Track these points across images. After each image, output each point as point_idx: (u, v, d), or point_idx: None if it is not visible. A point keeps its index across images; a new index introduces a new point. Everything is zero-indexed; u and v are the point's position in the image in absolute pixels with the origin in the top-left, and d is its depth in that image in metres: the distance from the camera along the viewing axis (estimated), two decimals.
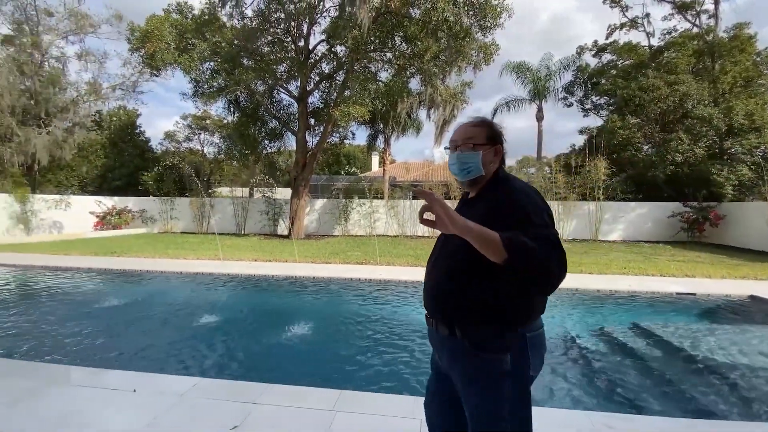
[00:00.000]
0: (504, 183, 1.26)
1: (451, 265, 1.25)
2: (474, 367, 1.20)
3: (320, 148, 14.76)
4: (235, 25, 13.52)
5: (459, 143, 1.29)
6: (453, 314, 1.23)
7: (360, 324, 4.70)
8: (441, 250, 1.33)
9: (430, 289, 1.32)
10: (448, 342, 1.26)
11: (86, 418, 2.30)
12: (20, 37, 17.35)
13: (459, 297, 1.21)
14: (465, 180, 1.31)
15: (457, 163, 1.28)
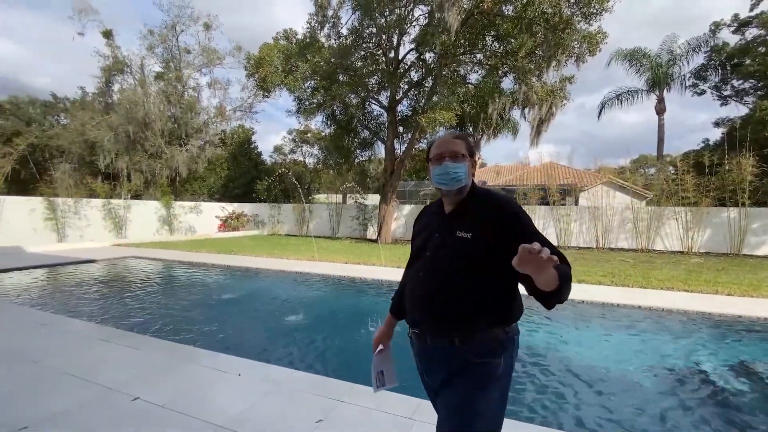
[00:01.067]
0: (490, 195, 1.30)
1: (445, 275, 1.24)
2: (471, 374, 1.20)
3: (408, 154, 14.99)
4: (332, 45, 14.61)
5: (446, 155, 1.30)
6: (453, 324, 1.22)
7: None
8: (432, 259, 1.30)
9: (423, 302, 1.29)
10: (446, 353, 1.24)
11: (203, 394, 2.68)
12: (167, 73, 21.35)
13: (459, 309, 1.21)
14: (454, 188, 1.29)
15: (449, 173, 1.28)
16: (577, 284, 6.57)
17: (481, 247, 1.19)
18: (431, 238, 1.33)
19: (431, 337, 1.28)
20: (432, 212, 1.44)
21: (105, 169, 19.88)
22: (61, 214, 12.91)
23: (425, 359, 1.33)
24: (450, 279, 1.23)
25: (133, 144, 20.27)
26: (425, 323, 1.29)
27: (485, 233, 1.19)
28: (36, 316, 4.63)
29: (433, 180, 1.32)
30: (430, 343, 1.28)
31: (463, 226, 1.23)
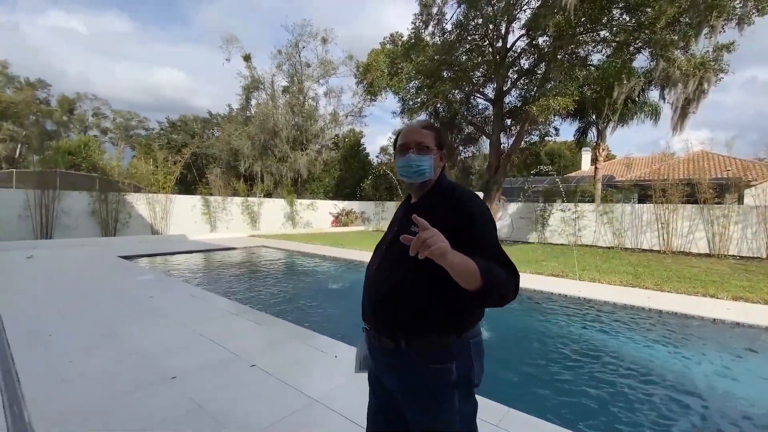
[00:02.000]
0: (452, 191, 1.22)
1: (396, 274, 1.16)
2: (422, 380, 1.13)
3: (515, 148, 14.04)
4: (436, 42, 14.58)
5: (411, 146, 1.22)
6: (397, 325, 1.15)
7: (541, 342, 4.22)
8: (384, 257, 1.23)
9: (371, 298, 1.23)
10: (392, 355, 1.17)
11: (303, 369, 3.00)
12: (291, 87, 24.16)
13: (403, 306, 1.14)
14: (417, 182, 1.23)
15: (411, 165, 1.21)
16: (736, 302, 5.30)
17: None
18: (390, 230, 1.30)
19: (378, 336, 1.20)
20: (402, 204, 1.38)
21: (245, 172, 23.64)
22: (213, 210, 15.82)
23: (377, 358, 1.24)
24: (399, 276, 1.15)
25: (265, 150, 23.64)
26: (373, 321, 1.22)
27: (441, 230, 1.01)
28: (190, 289, 5.79)
29: (398, 172, 1.26)
30: (377, 344, 1.21)
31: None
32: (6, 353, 3.12)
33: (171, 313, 4.43)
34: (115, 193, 13.07)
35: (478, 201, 1.18)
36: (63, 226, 11.86)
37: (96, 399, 2.47)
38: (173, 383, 2.70)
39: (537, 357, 3.86)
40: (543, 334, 4.46)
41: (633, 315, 5.01)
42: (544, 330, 4.62)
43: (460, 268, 0.95)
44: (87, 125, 39.35)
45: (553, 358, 3.79)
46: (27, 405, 2.36)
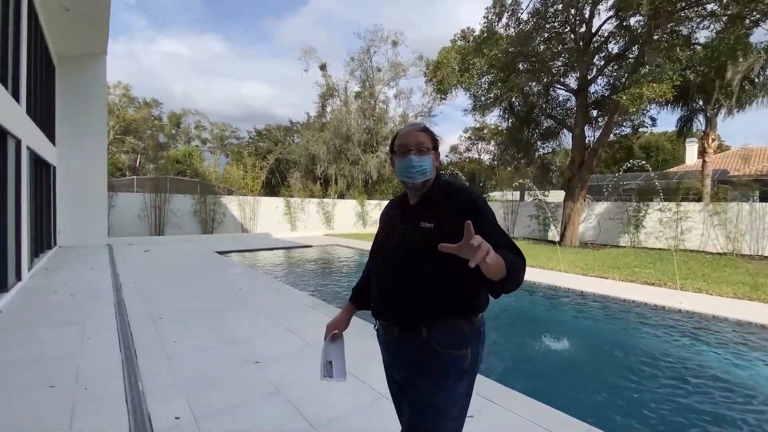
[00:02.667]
0: (449, 186, 1.30)
1: (413, 265, 1.21)
2: (438, 366, 1.19)
3: (603, 142, 12.72)
4: (511, 34, 13.87)
5: (411, 147, 1.26)
6: (418, 314, 1.21)
7: (634, 357, 3.75)
8: (396, 250, 1.28)
9: (391, 293, 1.27)
10: (411, 345, 1.23)
11: (373, 364, 3.06)
12: (363, 91, 24.90)
13: (423, 296, 1.20)
14: (418, 182, 1.26)
15: (414, 166, 1.25)
16: None
17: (444, 237, 1.08)
18: (395, 229, 1.32)
19: (398, 328, 1.26)
20: (396, 205, 1.42)
21: (320, 175, 25.01)
22: (293, 210, 17.01)
23: (392, 352, 1.32)
24: (413, 269, 1.21)
25: (339, 154, 24.74)
26: (391, 314, 1.28)
27: (447, 223, 1.17)
28: (273, 283, 6.29)
29: (398, 173, 1.30)
30: (398, 335, 1.27)
31: (426, 216, 1.23)
32: (128, 332, 3.71)
33: (256, 304, 4.86)
34: (212, 195, 14.78)
35: (474, 190, 1.31)
36: (172, 224, 13.74)
37: (192, 376, 2.82)
38: (257, 368, 2.96)
39: (625, 374, 3.45)
40: (633, 348, 3.97)
41: (752, 333, 4.22)
42: (635, 344, 4.11)
43: (495, 266, 0.98)
44: (190, 137, 45.08)
45: (644, 375, 3.35)
46: (141, 377, 2.78)
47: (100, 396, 2.52)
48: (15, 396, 2.51)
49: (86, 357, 3.15)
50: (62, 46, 9.69)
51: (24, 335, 3.65)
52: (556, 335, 4.28)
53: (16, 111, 5.54)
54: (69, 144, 10.21)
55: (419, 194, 1.30)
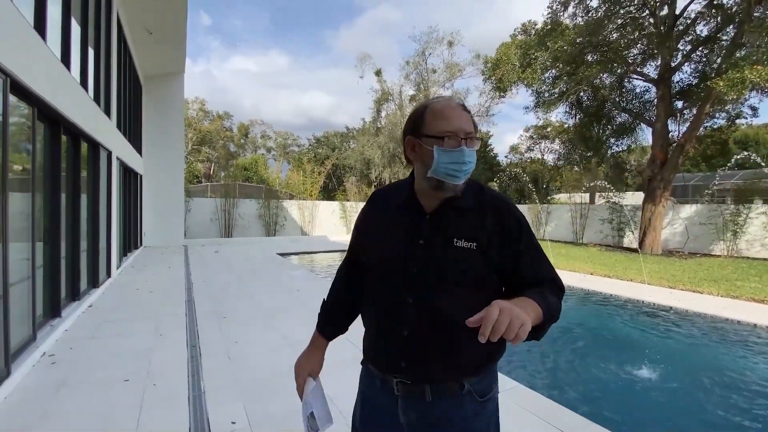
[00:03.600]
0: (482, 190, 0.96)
1: (450, 301, 0.88)
2: (478, 417, 0.93)
3: (690, 136, 11.21)
4: (578, 23, 12.84)
5: (461, 135, 0.86)
6: (461, 367, 0.91)
7: (742, 389, 3.12)
8: (424, 275, 0.90)
9: (417, 337, 0.90)
10: (446, 405, 0.91)
11: None
12: (418, 94, 24.73)
13: (467, 342, 0.83)
14: (462, 183, 0.90)
15: (465, 162, 0.86)
16: None
17: (487, 261, 0.88)
18: (411, 245, 0.92)
19: (432, 387, 0.91)
20: (397, 206, 0.99)
21: (375, 179, 25.27)
22: (348, 213, 17.32)
23: (413, 418, 0.93)
24: (453, 308, 0.87)
25: (393, 158, 24.82)
26: (421, 370, 0.91)
27: (488, 243, 0.88)
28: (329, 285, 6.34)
29: (439, 168, 0.86)
30: (431, 397, 0.91)
31: (461, 232, 0.89)
32: (195, 330, 3.90)
33: (313, 307, 4.90)
34: (275, 200, 15.56)
35: (510, 199, 0.99)
36: (239, 227, 14.68)
37: (251, 379, 2.84)
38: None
39: (727, 405, 2.87)
40: (738, 380, 3.31)
41: None
42: (740, 373, 3.43)
43: (530, 319, 0.71)
44: (257, 145, 48.36)
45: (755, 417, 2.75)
46: (203, 376, 2.86)
47: (167, 393, 2.63)
48: (95, 388, 2.71)
49: (158, 352, 3.35)
50: (147, 67, 10.82)
51: (109, 328, 4.00)
52: (641, 360, 3.73)
53: (108, 126, 6.22)
54: (152, 154, 11.35)
55: (441, 197, 0.92)
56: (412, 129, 0.93)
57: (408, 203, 0.97)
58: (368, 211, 1.08)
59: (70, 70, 4.38)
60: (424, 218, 0.94)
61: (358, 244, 1.09)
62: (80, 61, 5.01)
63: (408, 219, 0.96)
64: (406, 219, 0.96)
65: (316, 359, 1.18)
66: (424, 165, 0.90)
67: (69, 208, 4.59)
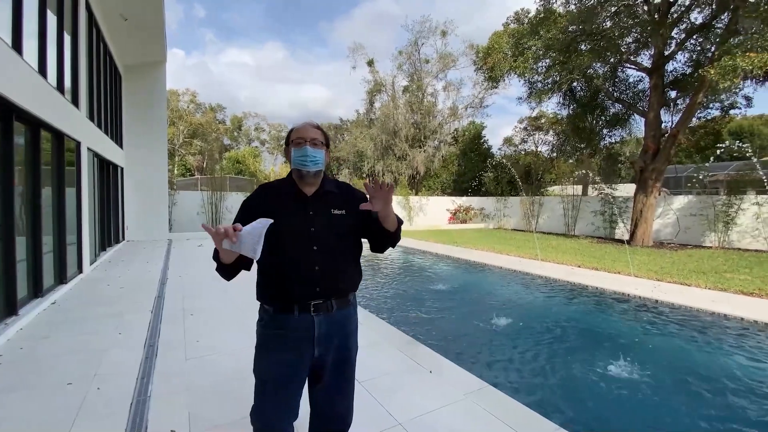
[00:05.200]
0: (338, 182, 1.55)
1: (343, 245, 1.44)
2: (355, 324, 1.53)
3: (683, 126, 11.05)
4: (571, 11, 12.56)
5: (306, 140, 1.40)
6: (348, 286, 1.47)
7: (730, 391, 2.98)
8: (323, 232, 1.39)
9: (323, 269, 1.37)
10: (343, 314, 1.44)
11: (396, 383, 2.71)
12: (411, 85, 24.38)
13: (349, 270, 1.47)
14: (312, 170, 1.40)
15: (309, 155, 1.38)
16: None
17: (352, 221, 1.44)
18: (305, 217, 1.40)
19: (336, 301, 1.41)
20: (285, 193, 1.44)
21: (368, 171, 24.99)
22: None
23: (323, 328, 1.38)
24: (343, 248, 1.44)
25: (386, 150, 24.52)
26: (329, 290, 1.39)
27: (351, 210, 1.43)
28: None
29: (293, 162, 1.40)
30: (335, 308, 1.41)
31: (334, 205, 1.43)
32: (157, 328, 3.72)
33: None
34: None
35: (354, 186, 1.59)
36: (226, 220, 14.41)
37: (201, 382, 2.66)
38: None
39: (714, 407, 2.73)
40: (719, 377, 3.18)
41: None
42: (721, 368, 3.30)
43: (392, 213, 1.36)
44: (250, 138, 47.83)
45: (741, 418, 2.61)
46: (154, 378, 2.68)
47: (110, 398, 2.44)
48: (35, 393, 2.52)
49: (112, 353, 3.16)
50: (126, 56, 10.47)
51: (68, 327, 3.81)
52: (624, 357, 3.59)
53: (75, 116, 5.95)
54: (135, 147, 11.05)
55: (314, 184, 1.44)
56: (286, 141, 1.48)
57: (292, 192, 1.44)
58: (262, 196, 1.47)
59: (22, 55, 4.12)
60: (309, 199, 1.43)
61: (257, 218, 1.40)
62: (38, 48, 4.73)
63: (293, 201, 1.43)
64: (293, 202, 1.43)
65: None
66: (290, 162, 1.44)
67: (27, 201, 4.36)
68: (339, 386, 1.46)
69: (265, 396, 1.40)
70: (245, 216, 1.37)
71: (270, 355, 1.40)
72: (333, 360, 1.42)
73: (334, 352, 1.42)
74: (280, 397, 1.39)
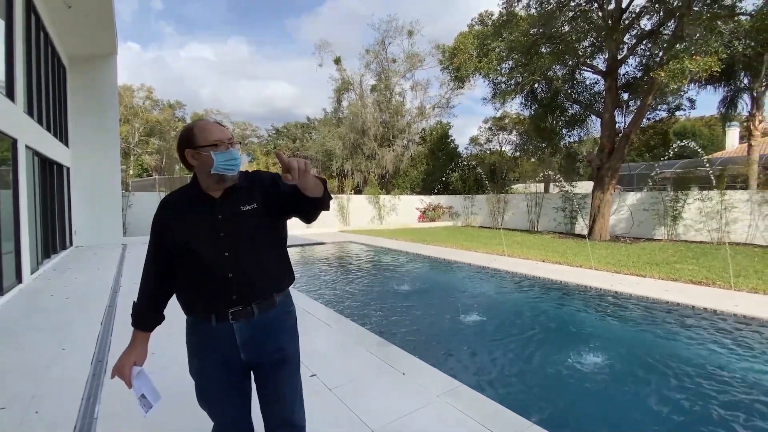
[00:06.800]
0: (248, 173, 1.38)
1: (256, 243, 1.30)
2: (289, 324, 1.40)
3: (635, 127, 11.72)
4: (532, 14, 12.99)
5: (227, 140, 1.26)
6: (270, 286, 1.32)
7: (683, 376, 3.14)
8: (233, 235, 1.27)
9: (239, 276, 1.27)
10: (267, 315, 1.31)
11: (367, 388, 2.63)
12: (379, 84, 24.35)
13: (269, 267, 1.34)
14: (236, 173, 1.28)
15: (235, 158, 1.26)
16: None
17: (266, 212, 1.31)
18: (213, 222, 1.27)
19: (257, 305, 1.29)
20: (189, 200, 1.31)
21: (336, 170, 24.73)
22: None
23: (246, 333, 1.29)
24: (257, 246, 1.30)
25: (355, 149, 24.36)
26: (248, 295, 1.28)
27: (262, 200, 1.30)
28: None
29: (218, 166, 1.22)
30: (257, 312, 1.29)
31: (243, 201, 1.29)
32: (107, 341, 3.42)
33: None
34: None
35: (263, 172, 1.43)
36: None
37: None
38: None
39: (670, 393, 2.86)
40: (672, 359, 3.35)
41: None
42: (672, 354, 3.48)
43: (314, 180, 1.17)
44: None
45: (690, 397, 2.76)
46: (102, 399, 2.44)
47: (49, 422, 2.20)
48: None
49: (54, 371, 2.87)
50: (71, 47, 9.68)
51: (3, 343, 3.42)
52: (588, 347, 3.70)
53: (10, 110, 5.39)
54: (82, 145, 10.25)
55: (223, 187, 1.29)
56: (187, 144, 1.26)
57: (197, 198, 1.30)
58: (166, 214, 1.32)
59: None
60: (216, 201, 1.29)
61: (169, 237, 1.30)
62: None
63: (203, 207, 1.29)
64: (201, 207, 1.29)
65: (140, 351, 1.36)
66: (204, 166, 1.24)
67: None
68: (277, 391, 1.35)
69: (210, 404, 1.36)
70: (159, 236, 1.32)
71: (196, 363, 1.35)
72: (267, 363, 1.32)
73: (265, 356, 1.32)
74: (224, 404, 1.34)
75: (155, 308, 1.39)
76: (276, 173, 1.35)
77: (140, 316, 1.37)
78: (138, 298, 1.39)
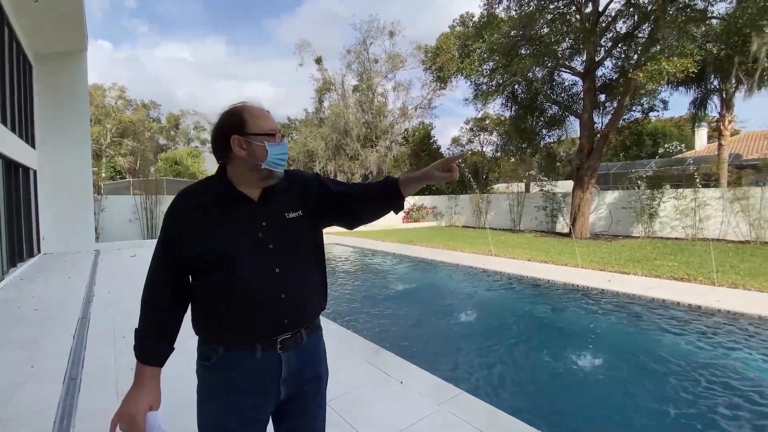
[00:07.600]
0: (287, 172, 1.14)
1: (308, 263, 1.12)
2: (323, 347, 1.23)
3: (613, 127, 12.04)
4: (512, 16, 13.17)
5: (277, 131, 1.05)
6: (315, 309, 1.16)
7: (676, 373, 3.18)
8: (283, 254, 1.05)
9: (289, 295, 1.05)
10: (311, 342, 1.14)
11: (363, 397, 2.52)
12: (361, 84, 24.24)
13: (315, 288, 1.14)
14: (282, 171, 1.08)
15: (286, 152, 1.07)
16: None
17: (310, 219, 1.12)
18: (258, 229, 1.04)
19: (306, 331, 1.11)
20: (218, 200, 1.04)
21: (319, 171, 24.45)
22: None
23: (293, 367, 1.08)
24: (304, 262, 1.11)
25: (337, 150, 24.16)
26: (296, 321, 1.08)
27: (307, 206, 1.12)
28: None
29: (270, 159, 1.02)
30: (306, 341, 1.11)
31: (286, 207, 1.09)
32: (81, 356, 3.18)
33: None
34: None
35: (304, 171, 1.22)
36: None
37: None
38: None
39: (664, 389, 2.88)
40: (667, 361, 3.40)
41: None
42: (663, 353, 3.54)
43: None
44: (189, 137, 44.65)
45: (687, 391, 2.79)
46: (76, 421, 2.25)
47: None
48: None
49: (22, 391, 2.63)
50: (38, 43, 9.16)
51: None
52: (583, 346, 3.71)
53: None
54: (50, 146, 9.70)
55: (264, 185, 1.07)
56: (238, 129, 1.02)
57: (232, 196, 1.04)
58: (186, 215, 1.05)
59: None
60: (256, 205, 1.06)
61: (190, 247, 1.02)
62: None
63: (244, 209, 1.04)
64: (243, 210, 1.04)
65: (152, 391, 1.06)
66: (254, 158, 1.02)
67: None
68: (309, 423, 1.17)
69: None
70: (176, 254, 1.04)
71: (223, 403, 1.05)
72: (302, 394, 1.12)
73: (302, 386, 1.12)
74: None
75: (170, 339, 1.11)
76: (316, 173, 1.19)
77: (150, 351, 1.07)
78: (143, 327, 1.10)
